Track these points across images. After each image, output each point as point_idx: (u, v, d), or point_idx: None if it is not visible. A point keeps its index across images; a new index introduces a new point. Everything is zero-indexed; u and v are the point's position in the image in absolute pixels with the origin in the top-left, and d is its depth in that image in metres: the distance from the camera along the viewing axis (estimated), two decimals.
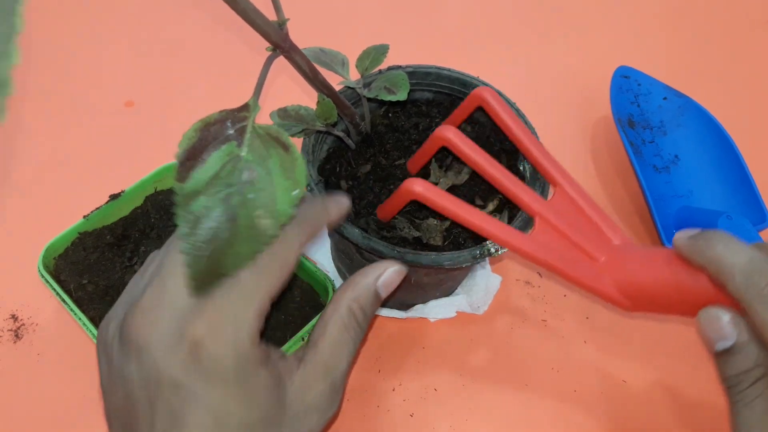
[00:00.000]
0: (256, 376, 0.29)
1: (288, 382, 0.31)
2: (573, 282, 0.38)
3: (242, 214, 0.28)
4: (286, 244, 0.31)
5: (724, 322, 0.31)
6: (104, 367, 0.31)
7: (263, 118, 0.38)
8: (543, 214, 0.40)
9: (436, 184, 0.43)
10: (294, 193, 0.29)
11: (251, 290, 0.29)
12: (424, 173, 0.44)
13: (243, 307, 0.29)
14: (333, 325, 0.33)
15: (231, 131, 0.29)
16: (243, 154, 0.29)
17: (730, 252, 0.31)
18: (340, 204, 0.35)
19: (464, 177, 0.44)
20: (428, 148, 0.42)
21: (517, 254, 0.38)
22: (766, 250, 0.32)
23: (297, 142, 0.33)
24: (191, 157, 0.28)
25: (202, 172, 0.28)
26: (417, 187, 0.37)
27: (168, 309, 0.29)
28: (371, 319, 0.35)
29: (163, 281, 0.29)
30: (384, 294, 0.36)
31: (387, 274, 0.35)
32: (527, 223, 0.40)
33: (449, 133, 0.40)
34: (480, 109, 0.44)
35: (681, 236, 0.33)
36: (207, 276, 0.28)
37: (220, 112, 0.29)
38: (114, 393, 0.30)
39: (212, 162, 0.28)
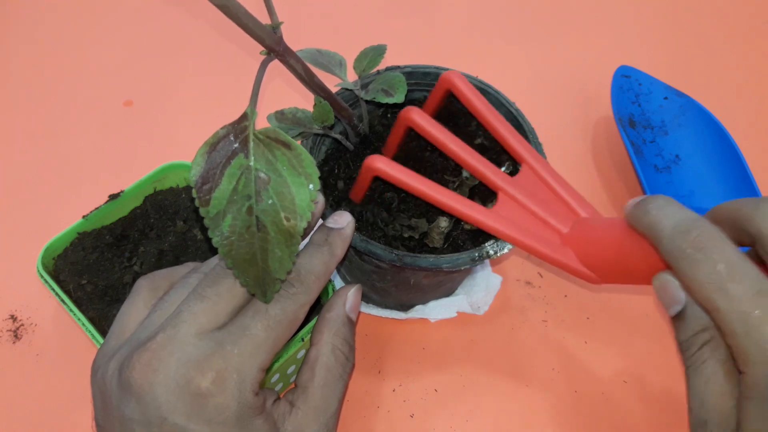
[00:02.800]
0: (254, 423, 0.31)
1: (281, 428, 0.32)
2: (538, 256, 0.38)
3: (268, 221, 0.29)
4: (297, 303, 0.32)
5: (672, 286, 0.31)
6: (99, 402, 0.32)
7: (261, 122, 0.38)
8: (506, 190, 0.40)
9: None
10: (310, 187, 0.30)
11: (259, 344, 0.31)
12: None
13: (250, 360, 0.30)
14: (320, 369, 0.34)
15: (236, 144, 0.30)
16: (252, 163, 0.29)
17: (661, 216, 0.30)
18: (344, 237, 0.36)
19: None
20: (396, 131, 0.42)
21: (481, 228, 0.38)
22: (716, 214, 0.31)
23: None
24: (206, 180, 0.29)
25: (221, 192, 0.29)
26: (378, 163, 0.37)
27: (176, 354, 0.29)
28: (354, 345, 0.37)
29: (176, 328, 0.30)
30: (355, 317, 0.37)
31: (350, 299, 0.37)
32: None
33: (413, 114, 0.40)
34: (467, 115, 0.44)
35: (628, 204, 0.33)
36: (262, 283, 0.30)
37: (222, 128, 0.30)
38: (110, 429, 0.31)
39: (227, 179, 0.29)
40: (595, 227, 0.37)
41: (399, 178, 0.37)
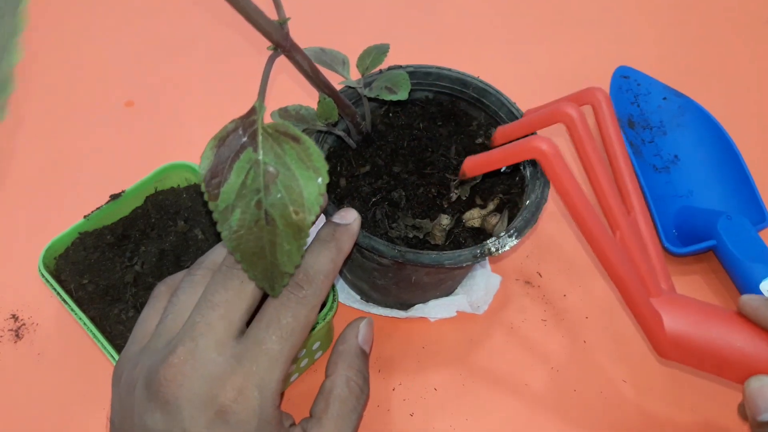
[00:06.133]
0: None
1: None
2: (632, 306, 0.37)
3: (276, 214, 0.29)
4: (307, 306, 0.32)
5: None
6: (117, 406, 0.33)
7: (265, 118, 0.38)
8: (624, 231, 0.38)
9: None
10: (318, 181, 0.30)
11: (277, 357, 0.31)
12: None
13: (270, 373, 0.31)
14: (334, 400, 0.34)
15: (244, 138, 0.30)
16: (260, 157, 0.29)
17: None
18: (351, 233, 0.35)
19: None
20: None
21: (596, 255, 0.36)
22: None
23: None
24: (215, 174, 0.29)
25: (230, 186, 0.29)
26: (544, 146, 0.34)
27: (199, 370, 0.30)
28: (368, 376, 0.37)
29: (195, 341, 0.31)
30: (368, 349, 0.37)
31: (362, 331, 0.37)
32: (527, 223, 0.40)
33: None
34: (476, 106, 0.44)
35: (753, 298, 0.33)
36: (270, 277, 0.30)
37: (231, 122, 0.30)
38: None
39: (235, 173, 0.29)
40: (695, 309, 0.36)
41: (560, 175, 0.34)
